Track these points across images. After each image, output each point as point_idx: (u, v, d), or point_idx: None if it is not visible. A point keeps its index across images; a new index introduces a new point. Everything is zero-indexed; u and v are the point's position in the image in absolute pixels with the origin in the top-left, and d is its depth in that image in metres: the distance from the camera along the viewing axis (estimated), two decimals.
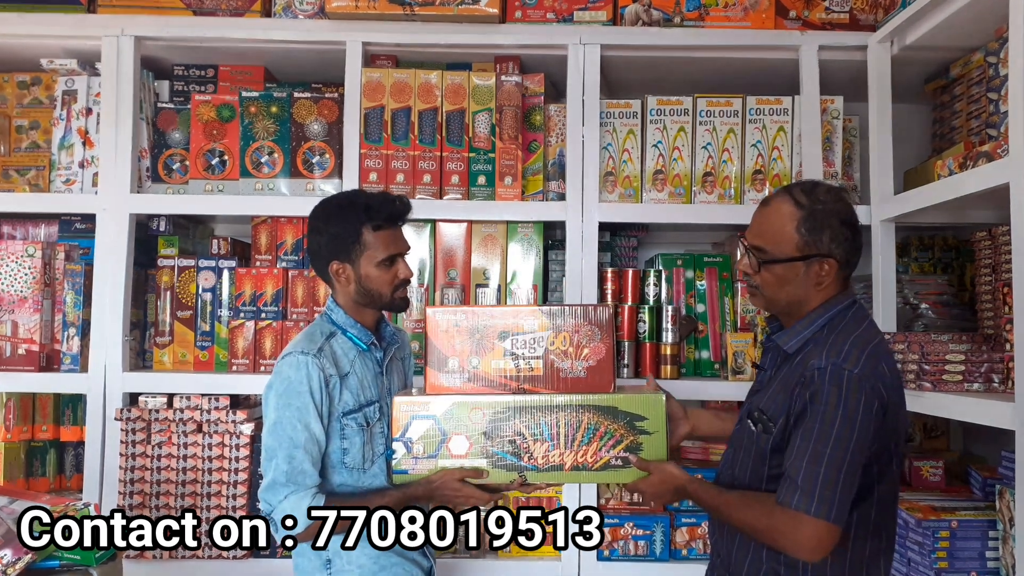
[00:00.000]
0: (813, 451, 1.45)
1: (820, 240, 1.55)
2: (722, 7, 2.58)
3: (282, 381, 1.75)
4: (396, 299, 1.88)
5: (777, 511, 1.47)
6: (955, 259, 2.79)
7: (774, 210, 1.60)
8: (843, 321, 1.58)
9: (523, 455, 1.76)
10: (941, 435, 2.80)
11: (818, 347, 1.54)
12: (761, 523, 1.50)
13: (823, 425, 1.45)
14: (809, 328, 1.59)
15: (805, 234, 1.56)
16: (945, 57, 2.50)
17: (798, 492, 1.44)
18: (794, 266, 1.57)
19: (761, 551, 1.58)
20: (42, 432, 2.61)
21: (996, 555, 2.04)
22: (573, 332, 1.80)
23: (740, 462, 1.65)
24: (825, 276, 1.57)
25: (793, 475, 1.46)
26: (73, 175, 2.58)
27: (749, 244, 1.64)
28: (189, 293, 2.57)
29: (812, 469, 1.44)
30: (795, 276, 1.58)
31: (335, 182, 2.56)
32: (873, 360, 1.50)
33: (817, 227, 1.55)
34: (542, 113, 2.63)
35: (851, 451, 1.44)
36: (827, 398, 1.46)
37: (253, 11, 2.59)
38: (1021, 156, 1.75)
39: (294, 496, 1.70)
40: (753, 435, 1.61)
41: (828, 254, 1.56)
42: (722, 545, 1.69)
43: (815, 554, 1.45)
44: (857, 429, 1.44)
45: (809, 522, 1.43)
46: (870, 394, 1.46)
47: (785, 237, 1.57)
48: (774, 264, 1.59)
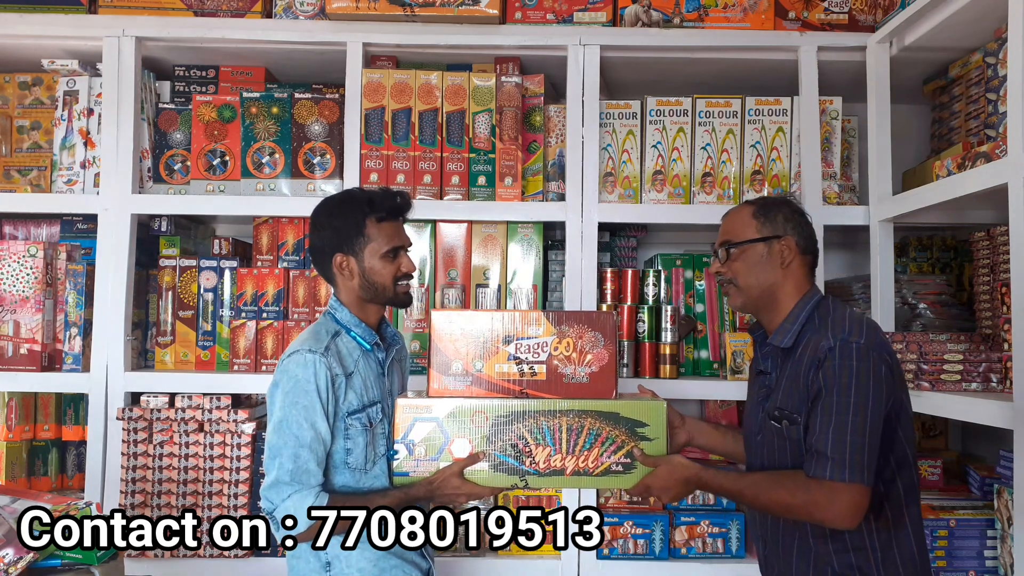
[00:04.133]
0: (836, 422, 1.53)
1: (775, 222, 1.73)
2: (721, 8, 2.58)
3: (289, 379, 1.75)
4: (400, 293, 1.88)
5: (812, 484, 1.53)
6: (953, 259, 2.79)
7: (733, 213, 1.82)
8: (828, 306, 1.70)
9: (525, 459, 1.77)
10: (939, 435, 2.81)
11: (816, 333, 1.63)
12: (797, 498, 1.55)
13: (840, 397, 1.54)
14: (796, 322, 1.69)
15: (761, 218, 1.74)
16: (944, 58, 2.50)
17: (829, 463, 1.51)
18: (756, 248, 1.73)
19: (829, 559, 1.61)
20: (44, 432, 2.62)
21: (994, 554, 2.06)
22: (577, 338, 1.81)
23: (776, 463, 1.68)
24: (788, 255, 1.71)
25: (820, 448, 1.53)
26: (75, 175, 2.58)
27: (716, 245, 1.81)
28: (191, 293, 2.57)
29: (839, 438, 1.52)
30: (760, 258, 1.73)
31: (336, 182, 2.56)
32: (872, 331, 1.61)
33: (770, 212, 1.75)
34: (542, 114, 2.64)
35: (871, 414, 1.53)
36: (840, 372, 1.55)
37: (254, 12, 2.59)
38: (1019, 156, 1.76)
39: (297, 495, 1.70)
40: (781, 431, 1.66)
41: (785, 233, 1.73)
42: (777, 559, 1.71)
43: (854, 520, 1.52)
44: (872, 394, 1.53)
45: (844, 489, 1.50)
46: (877, 360, 1.56)
47: (744, 225, 1.76)
48: (737, 249, 1.74)
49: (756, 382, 1.80)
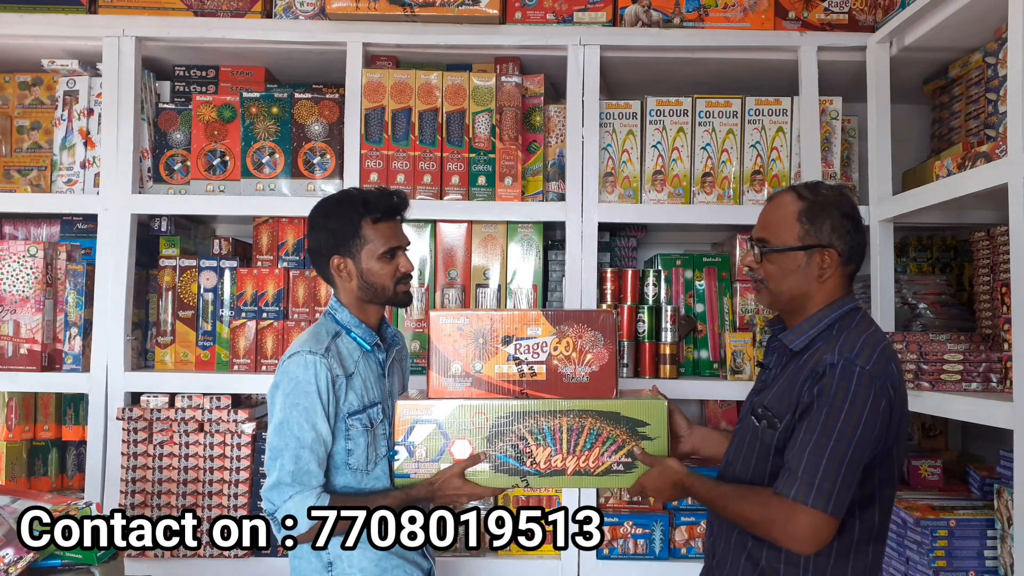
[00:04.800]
0: (816, 443, 1.44)
1: (821, 231, 1.59)
2: (721, 8, 2.58)
3: (290, 380, 1.75)
4: (399, 293, 1.88)
5: (773, 501, 1.47)
6: (953, 259, 2.79)
7: (777, 204, 1.65)
8: (851, 322, 1.59)
9: (525, 459, 1.76)
10: (939, 435, 2.81)
11: (828, 344, 1.55)
12: (756, 513, 1.49)
13: (828, 418, 1.45)
14: (815, 327, 1.60)
15: (806, 223, 1.59)
16: (944, 58, 2.50)
17: (797, 483, 1.44)
18: (795, 256, 1.60)
19: (760, 552, 1.57)
20: (44, 432, 2.62)
21: (994, 554, 2.05)
22: (576, 337, 1.80)
23: (743, 459, 1.65)
24: (827, 268, 1.59)
25: (793, 466, 1.46)
26: (75, 175, 2.58)
27: (753, 237, 1.67)
28: (191, 293, 2.57)
29: (813, 461, 1.43)
30: (796, 267, 1.60)
31: (336, 182, 2.56)
32: (884, 360, 1.50)
33: (818, 218, 1.59)
34: (542, 114, 2.64)
35: (854, 446, 1.44)
36: (835, 392, 1.46)
37: (254, 12, 2.59)
38: (1019, 157, 1.76)
39: (299, 496, 1.70)
40: (757, 431, 1.61)
41: (829, 244, 1.59)
42: (718, 547, 1.69)
43: (810, 546, 1.44)
44: (862, 426, 1.44)
45: (805, 512, 1.42)
46: (879, 392, 1.46)
47: (787, 227, 1.61)
48: (775, 254, 1.61)
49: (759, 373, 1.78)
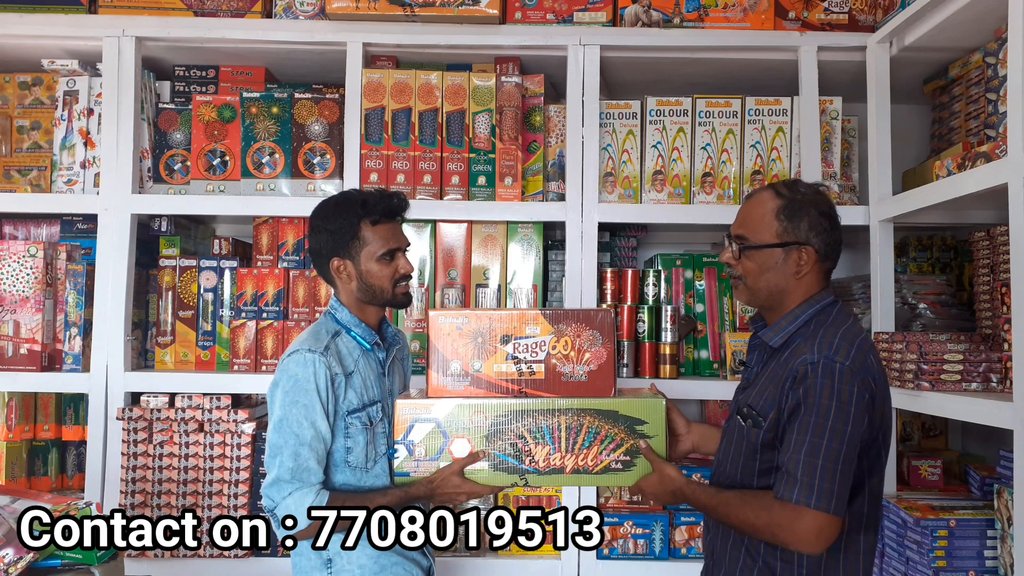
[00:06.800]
0: (810, 444, 1.47)
1: (798, 228, 1.62)
2: (721, 8, 2.58)
3: (289, 378, 1.75)
4: (398, 294, 1.88)
5: (776, 506, 1.49)
6: (953, 259, 2.80)
7: (756, 201, 1.68)
8: (828, 317, 1.62)
9: (524, 458, 1.77)
10: (939, 435, 2.81)
11: (806, 341, 1.57)
12: (761, 519, 1.51)
13: (818, 418, 1.47)
14: (793, 323, 1.63)
15: (784, 220, 1.62)
16: (944, 58, 2.50)
17: (797, 485, 1.46)
18: (773, 253, 1.63)
19: (758, 546, 1.58)
20: (44, 432, 2.62)
21: (994, 554, 2.05)
22: (575, 336, 1.81)
23: (732, 459, 1.66)
24: (804, 265, 1.62)
25: (791, 469, 1.48)
26: (75, 175, 2.59)
27: (732, 234, 1.70)
28: (191, 293, 2.57)
29: (810, 462, 1.46)
30: (774, 263, 1.63)
31: (336, 183, 2.56)
32: (862, 354, 1.53)
33: (796, 215, 1.62)
34: (542, 114, 2.64)
35: (847, 442, 1.46)
36: (820, 391, 1.48)
37: (254, 12, 2.59)
38: (1019, 156, 1.76)
39: (298, 493, 1.71)
40: (743, 430, 1.63)
41: (806, 242, 1.62)
42: (716, 545, 1.70)
43: (818, 546, 1.46)
44: (851, 421, 1.47)
45: (810, 515, 1.45)
46: (861, 386, 1.49)
47: (765, 224, 1.64)
48: (754, 250, 1.64)
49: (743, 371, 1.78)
